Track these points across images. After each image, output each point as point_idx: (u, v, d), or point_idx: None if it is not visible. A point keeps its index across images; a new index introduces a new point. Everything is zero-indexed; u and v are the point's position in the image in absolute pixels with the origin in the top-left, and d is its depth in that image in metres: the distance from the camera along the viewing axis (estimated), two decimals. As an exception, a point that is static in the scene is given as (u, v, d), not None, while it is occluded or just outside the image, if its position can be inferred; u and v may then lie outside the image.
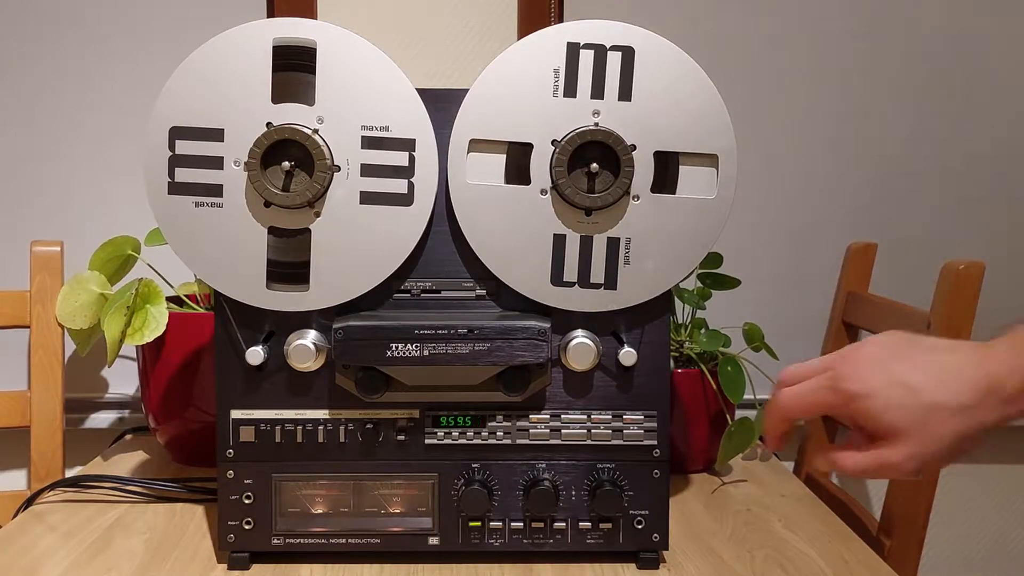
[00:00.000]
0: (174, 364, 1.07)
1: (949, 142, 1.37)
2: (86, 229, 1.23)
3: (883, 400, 0.57)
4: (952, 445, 0.57)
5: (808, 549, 0.87)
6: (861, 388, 0.57)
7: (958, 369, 0.57)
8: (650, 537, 0.82)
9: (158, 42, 1.31)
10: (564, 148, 0.77)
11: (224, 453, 0.81)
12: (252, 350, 0.78)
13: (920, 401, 0.56)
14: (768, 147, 1.36)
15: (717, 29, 1.35)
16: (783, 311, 1.35)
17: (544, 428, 0.82)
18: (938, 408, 0.56)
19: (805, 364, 0.63)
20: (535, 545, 0.82)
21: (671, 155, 0.78)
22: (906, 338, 0.60)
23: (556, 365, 0.81)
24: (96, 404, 1.35)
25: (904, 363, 0.57)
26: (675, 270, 0.80)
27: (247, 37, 0.77)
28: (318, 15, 1.32)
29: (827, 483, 1.24)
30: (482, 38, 1.34)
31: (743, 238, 1.31)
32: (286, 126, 0.76)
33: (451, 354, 0.76)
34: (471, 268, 0.81)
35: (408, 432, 0.82)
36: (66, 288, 1.12)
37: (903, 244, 1.34)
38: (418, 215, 0.78)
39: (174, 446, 1.12)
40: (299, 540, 0.82)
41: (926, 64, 1.36)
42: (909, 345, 0.59)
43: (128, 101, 1.31)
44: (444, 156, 0.79)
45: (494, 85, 0.78)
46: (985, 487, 1.45)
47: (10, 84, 1.31)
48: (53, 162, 1.32)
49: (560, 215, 0.79)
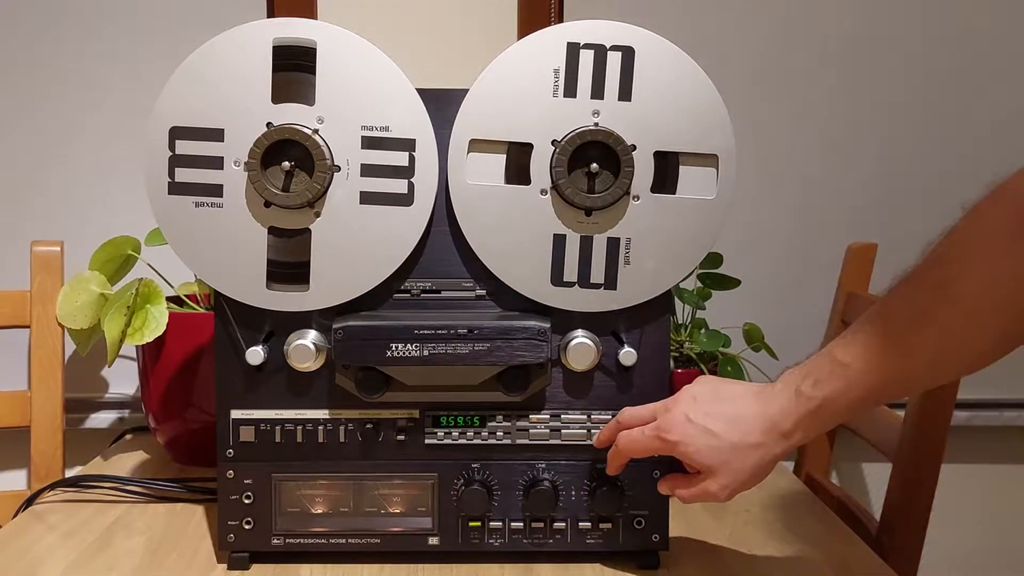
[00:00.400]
0: (174, 364, 1.07)
1: (949, 142, 1.37)
2: (86, 229, 1.23)
3: (695, 446, 0.73)
4: (753, 473, 0.72)
5: (808, 549, 0.87)
6: (678, 438, 0.73)
7: (747, 415, 0.72)
8: (650, 537, 0.82)
9: (158, 42, 1.31)
10: (564, 148, 0.77)
11: (224, 453, 0.81)
12: (252, 350, 0.78)
13: (722, 444, 0.72)
14: (768, 147, 1.36)
15: (718, 29, 1.35)
16: (783, 311, 1.35)
17: (544, 428, 0.82)
18: (736, 448, 0.72)
19: (639, 409, 0.78)
20: (535, 545, 0.82)
21: (671, 155, 0.78)
22: (712, 388, 0.76)
23: (556, 365, 0.81)
24: (96, 404, 1.35)
25: (708, 414, 0.73)
26: (675, 270, 0.80)
27: (247, 37, 0.77)
28: (318, 15, 1.32)
29: (827, 483, 1.24)
30: (482, 38, 1.34)
31: (743, 238, 1.31)
32: (286, 126, 0.76)
33: (451, 354, 0.76)
34: (471, 268, 0.81)
35: (408, 432, 0.82)
36: (66, 288, 1.12)
37: (903, 244, 1.33)
38: (418, 215, 0.78)
39: (174, 446, 1.12)
40: (299, 540, 0.82)
41: (927, 64, 1.36)
42: (713, 396, 0.75)
43: (128, 101, 1.31)
44: (444, 156, 0.79)
45: (494, 85, 0.78)
46: (985, 487, 1.45)
47: (10, 84, 1.31)
48: (53, 162, 1.32)
49: (560, 215, 0.79)
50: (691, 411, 0.74)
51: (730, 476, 0.72)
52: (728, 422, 0.72)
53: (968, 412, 1.36)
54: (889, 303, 0.67)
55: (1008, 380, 1.38)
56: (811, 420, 0.70)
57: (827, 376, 0.69)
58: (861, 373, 0.68)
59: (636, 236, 0.79)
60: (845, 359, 0.68)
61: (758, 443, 0.71)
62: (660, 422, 0.75)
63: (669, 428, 0.74)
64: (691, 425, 0.73)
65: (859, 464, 1.44)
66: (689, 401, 0.75)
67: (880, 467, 1.41)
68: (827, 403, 0.69)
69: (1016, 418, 1.41)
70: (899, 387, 0.69)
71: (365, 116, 0.77)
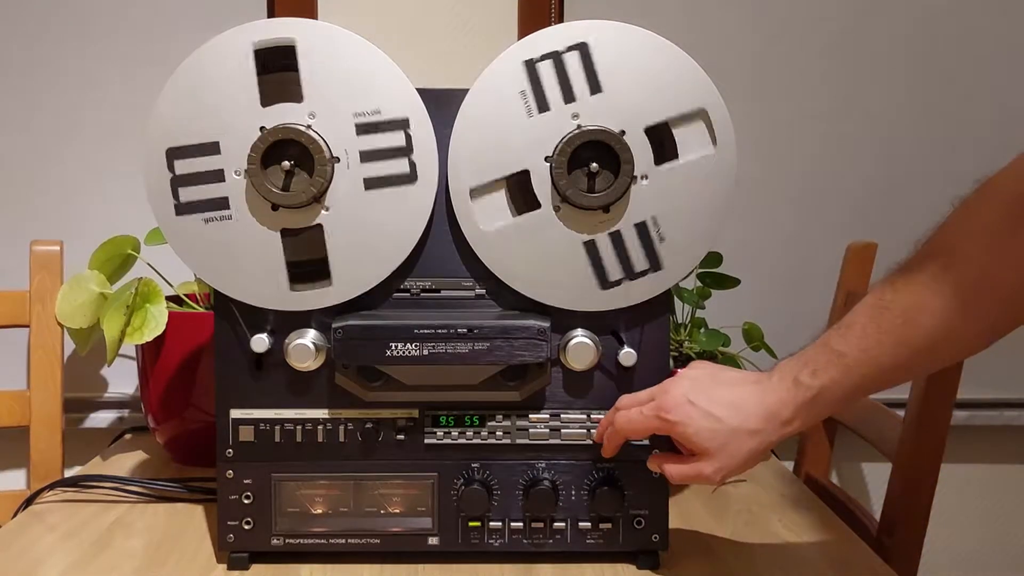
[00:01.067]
0: (174, 363, 1.07)
1: (949, 142, 1.37)
2: (86, 229, 1.23)
3: (695, 427, 0.73)
4: (747, 458, 0.73)
5: (808, 549, 0.87)
6: (678, 418, 0.74)
7: (746, 401, 0.73)
8: (650, 537, 0.82)
9: (158, 42, 1.31)
10: (559, 160, 0.77)
11: (224, 453, 0.81)
12: (257, 337, 0.78)
13: (723, 427, 0.72)
14: (768, 147, 1.36)
15: (718, 29, 1.35)
16: (783, 311, 1.35)
17: (544, 428, 0.82)
18: (736, 432, 0.72)
19: (636, 395, 0.78)
20: (535, 545, 0.82)
21: (660, 126, 0.78)
22: (710, 374, 0.77)
23: (556, 365, 0.81)
24: (96, 404, 1.35)
25: (710, 397, 0.74)
26: (710, 226, 0.79)
27: (227, 46, 0.77)
28: (318, 15, 1.32)
29: (827, 483, 1.24)
30: (482, 38, 1.34)
31: (743, 238, 1.31)
32: (280, 127, 0.76)
33: (451, 354, 0.76)
34: (471, 267, 0.81)
35: (408, 432, 0.81)
36: (66, 288, 1.12)
37: (903, 244, 1.34)
38: (424, 190, 0.78)
39: (174, 446, 1.12)
40: (299, 540, 0.82)
41: (927, 64, 1.36)
42: (712, 381, 0.75)
43: (128, 101, 1.31)
44: (444, 156, 0.79)
45: (470, 130, 0.78)
46: (985, 487, 1.45)
47: (10, 84, 1.31)
48: (53, 162, 1.32)
49: (580, 224, 0.78)
50: (691, 393, 0.74)
51: (725, 459, 0.73)
52: (729, 407, 0.73)
53: (968, 412, 1.36)
54: (883, 293, 0.70)
55: (1008, 380, 1.39)
56: (809, 409, 0.72)
57: (824, 365, 0.71)
58: (857, 362, 0.70)
59: (660, 213, 0.79)
60: (841, 348, 0.70)
61: (756, 429, 0.72)
62: (659, 402, 0.75)
63: (669, 408, 0.74)
64: (692, 407, 0.73)
65: (859, 464, 1.45)
66: (688, 383, 0.75)
67: (880, 467, 1.41)
68: (824, 392, 0.71)
69: (1016, 418, 1.41)
70: (895, 375, 0.71)
71: (354, 103, 0.77)
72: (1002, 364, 1.38)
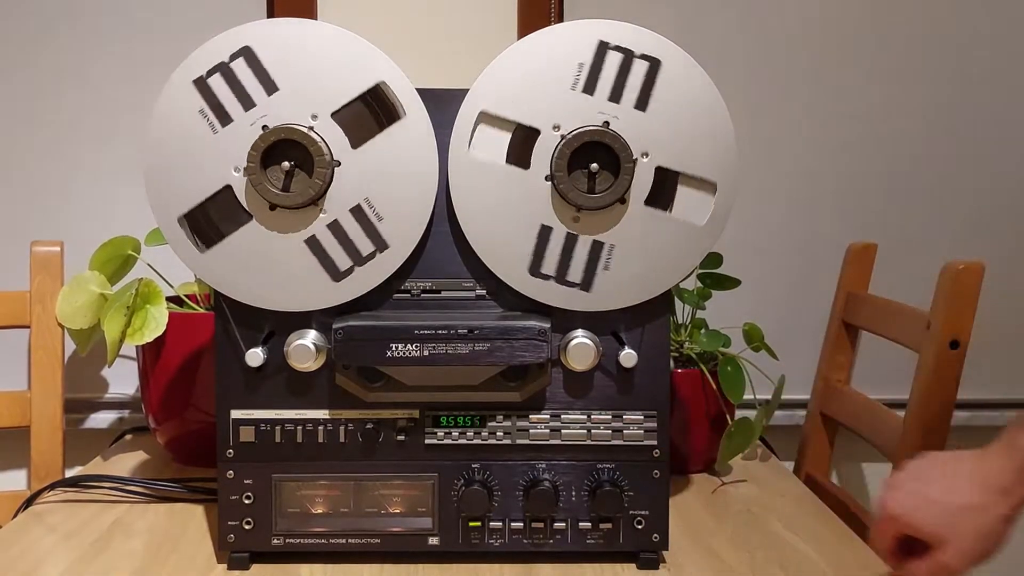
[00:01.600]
0: (174, 364, 1.07)
1: (949, 142, 1.37)
2: (86, 229, 1.23)
3: (917, 516, 0.70)
4: (977, 537, 0.69)
5: (808, 549, 0.87)
6: (900, 511, 0.71)
7: (961, 477, 0.70)
8: (650, 537, 0.82)
9: (159, 42, 1.31)
10: (569, 142, 0.76)
11: (224, 453, 0.81)
12: (252, 352, 0.78)
13: (942, 509, 0.69)
14: (769, 147, 1.36)
15: (717, 29, 1.35)
16: (783, 311, 1.35)
17: (544, 428, 0.82)
18: (955, 511, 0.69)
19: None
20: (535, 545, 0.82)
21: (672, 173, 0.78)
22: (928, 462, 0.73)
23: (556, 365, 0.81)
24: (96, 404, 1.35)
25: (925, 482, 0.71)
26: (650, 286, 0.80)
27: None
28: (318, 15, 1.32)
29: (827, 483, 1.24)
30: (482, 38, 1.34)
31: (743, 238, 1.31)
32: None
33: (451, 354, 0.76)
34: (471, 268, 0.81)
35: (408, 432, 0.82)
36: (66, 288, 1.11)
37: (903, 244, 1.34)
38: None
39: (174, 446, 1.12)
40: (299, 540, 0.82)
41: (927, 64, 1.36)
42: (929, 466, 0.73)
43: (128, 101, 1.31)
44: (444, 156, 0.79)
45: (517, 62, 0.78)
46: (985, 487, 1.45)
47: (10, 84, 1.31)
48: (53, 162, 1.32)
49: (553, 207, 0.78)
50: (908, 481, 0.72)
51: (960, 541, 0.69)
52: (944, 487, 0.70)
53: (968, 412, 1.36)
54: None
55: (1008, 380, 1.39)
56: None
57: None
58: None
59: (620, 244, 0.79)
60: None
61: (976, 504, 0.69)
62: (883, 500, 0.73)
63: (888, 504, 0.72)
64: (909, 495, 0.71)
65: (859, 464, 1.44)
66: (905, 474, 0.73)
67: (880, 467, 1.41)
68: None
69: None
70: None
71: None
72: (1002, 364, 1.38)
